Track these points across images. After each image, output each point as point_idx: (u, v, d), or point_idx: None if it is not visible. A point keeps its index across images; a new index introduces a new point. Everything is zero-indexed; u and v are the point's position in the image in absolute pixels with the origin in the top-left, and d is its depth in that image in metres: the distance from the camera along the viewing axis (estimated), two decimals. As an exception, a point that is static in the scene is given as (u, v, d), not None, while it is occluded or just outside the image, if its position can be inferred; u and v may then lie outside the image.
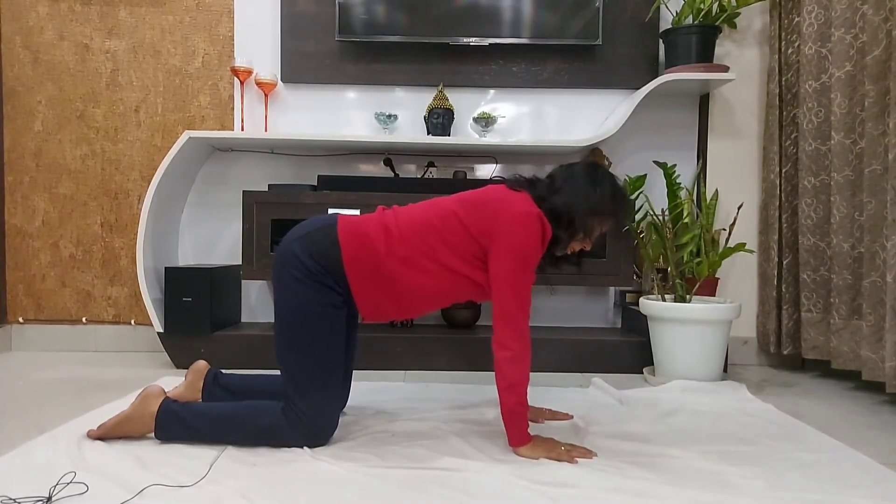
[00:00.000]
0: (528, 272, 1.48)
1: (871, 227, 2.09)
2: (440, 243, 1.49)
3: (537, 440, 1.48)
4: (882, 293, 2.04)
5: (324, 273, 1.48)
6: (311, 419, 1.47)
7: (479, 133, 2.75)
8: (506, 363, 1.46)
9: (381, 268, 1.49)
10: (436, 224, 1.50)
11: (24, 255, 2.81)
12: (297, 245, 1.50)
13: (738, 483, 1.31)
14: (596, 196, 1.51)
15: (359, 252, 1.48)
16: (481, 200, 1.51)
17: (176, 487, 1.24)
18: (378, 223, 1.52)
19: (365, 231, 1.51)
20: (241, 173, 2.81)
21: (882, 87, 2.05)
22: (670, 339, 2.24)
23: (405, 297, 1.53)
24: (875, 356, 2.05)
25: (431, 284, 1.51)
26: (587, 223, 1.53)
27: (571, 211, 1.50)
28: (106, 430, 1.52)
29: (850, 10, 2.20)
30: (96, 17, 2.76)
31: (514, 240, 1.44)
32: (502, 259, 1.45)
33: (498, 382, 1.47)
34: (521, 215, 1.45)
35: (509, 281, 1.46)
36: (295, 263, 1.48)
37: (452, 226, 1.49)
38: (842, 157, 2.25)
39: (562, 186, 1.52)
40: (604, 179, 1.54)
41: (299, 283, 1.48)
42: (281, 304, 1.51)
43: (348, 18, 2.62)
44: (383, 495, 1.24)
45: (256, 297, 2.82)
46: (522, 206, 1.47)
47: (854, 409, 2.00)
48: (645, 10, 2.69)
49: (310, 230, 1.53)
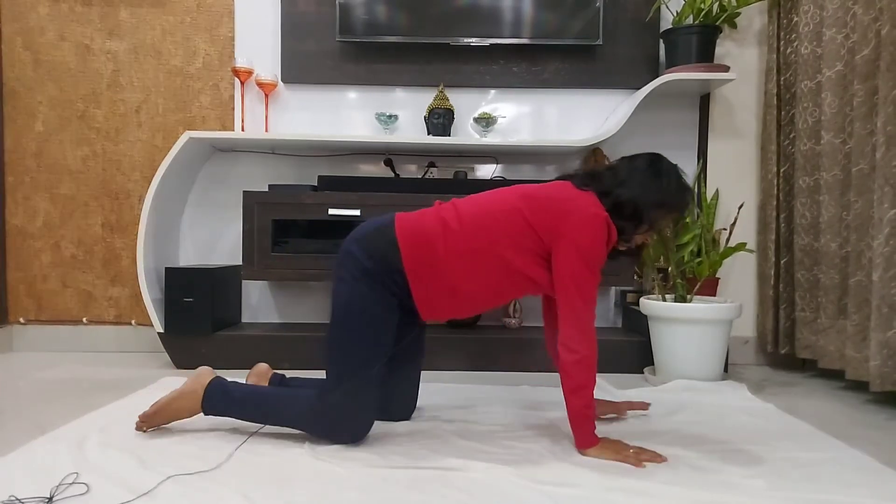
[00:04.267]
0: (594, 273, 1.46)
1: (858, 226, 2.10)
2: (502, 238, 1.48)
3: (605, 442, 1.46)
4: (867, 293, 2.05)
5: (381, 273, 1.47)
6: (341, 414, 1.48)
7: (479, 133, 2.75)
8: (572, 366, 1.43)
9: (440, 264, 1.48)
10: (499, 218, 1.49)
11: (25, 256, 2.81)
12: (355, 245, 1.50)
13: (739, 483, 1.31)
14: (663, 187, 1.50)
15: (417, 250, 1.48)
16: (549, 198, 1.49)
17: (196, 474, 1.26)
18: (436, 218, 1.51)
19: (423, 228, 1.50)
20: (242, 173, 2.81)
21: (871, 87, 2.06)
22: (671, 339, 2.24)
23: (462, 294, 1.52)
24: (859, 355, 2.06)
25: (489, 281, 1.50)
26: (654, 215, 1.51)
27: (638, 203, 1.48)
28: (159, 406, 1.55)
29: (842, 10, 2.21)
30: (97, 17, 2.76)
31: (581, 241, 1.43)
32: (569, 260, 1.44)
33: (564, 385, 1.45)
34: (590, 217, 1.44)
35: (576, 282, 1.44)
36: (352, 263, 1.48)
37: (516, 221, 1.48)
38: (831, 156, 2.26)
39: (627, 178, 1.50)
40: (669, 170, 1.53)
41: (356, 281, 1.48)
42: (334, 301, 1.51)
43: (349, 19, 2.62)
44: (384, 495, 1.24)
45: (257, 298, 2.82)
46: (591, 207, 1.45)
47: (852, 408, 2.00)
48: (645, 10, 2.69)
49: (368, 231, 1.53)
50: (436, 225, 1.50)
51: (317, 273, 2.48)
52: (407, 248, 1.48)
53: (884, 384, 1.90)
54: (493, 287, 1.52)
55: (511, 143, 2.60)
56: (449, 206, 1.56)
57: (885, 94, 1.92)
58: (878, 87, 1.98)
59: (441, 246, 1.48)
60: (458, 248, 1.48)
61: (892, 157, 1.89)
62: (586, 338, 1.44)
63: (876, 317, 1.92)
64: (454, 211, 1.53)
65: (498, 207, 1.51)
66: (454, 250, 1.48)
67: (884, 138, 1.92)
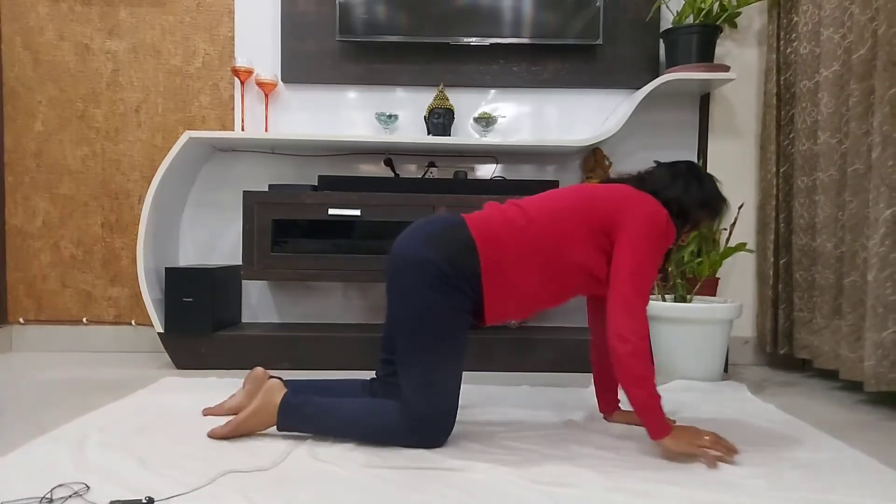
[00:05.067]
0: (652, 267, 1.48)
1: (853, 226, 2.10)
2: (569, 235, 1.48)
3: (678, 430, 1.44)
4: (861, 293, 2.05)
5: (458, 277, 1.46)
6: (430, 424, 1.48)
7: (479, 133, 2.75)
8: (627, 357, 1.41)
9: (509, 265, 1.48)
10: (565, 216, 1.50)
11: (24, 256, 2.81)
12: (426, 249, 1.47)
13: (739, 483, 1.31)
14: (706, 189, 1.57)
15: (491, 251, 1.47)
16: (613, 194, 1.52)
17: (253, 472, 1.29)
18: (502, 218, 1.51)
19: (493, 228, 1.49)
20: (242, 173, 2.81)
21: (867, 87, 2.06)
22: (671, 339, 2.24)
23: (528, 294, 1.52)
24: (853, 356, 2.07)
25: (554, 280, 1.51)
26: (698, 215, 1.57)
27: (683, 202, 1.54)
28: (235, 425, 1.54)
29: (840, 10, 2.21)
30: (97, 17, 2.76)
31: (643, 233, 1.45)
32: (629, 251, 1.45)
33: (622, 378, 1.42)
34: (654, 212, 1.48)
35: (633, 273, 1.44)
36: (427, 268, 1.45)
37: (582, 218, 1.49)
38: (827, 156, 2.26)
39: (673, 180, 1.56)
40: (707, 175, 1.61)
41: (431, 288, 1.45)
42: (407, 309, 1.48)
43: (349, 18, 2.62)
44: (384, 495, 1.24)
45: (257, 298, 2.82)
46: (655, 204, 1.50)
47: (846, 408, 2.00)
48: (645, 9, 2.69)
49: (436, 231, 1.50)
50: (504, 225, 1.50)
51: (317, 273, 2.48)
52: (483, 249, 1.47)
53: (878, 384, 1.90)
54: (557, 286, 1.53)
55: (511, 143, 2.60)
56: (511, 205, 1.55)
57: (882, 94, 1.92)
58: (875, 86, 1.98)
59: (511, 246, 1.48)
60: (527, 247, 1.48)
61: (887, 157, 1.89)
62: (639, 328, 1.43)
63: (871, 317, 1.92)
64: (519, 210, 1.53)
65: (563, 205, 1.52)
66: (523, 250, 1.48)
67: (880, 138, 1.92)
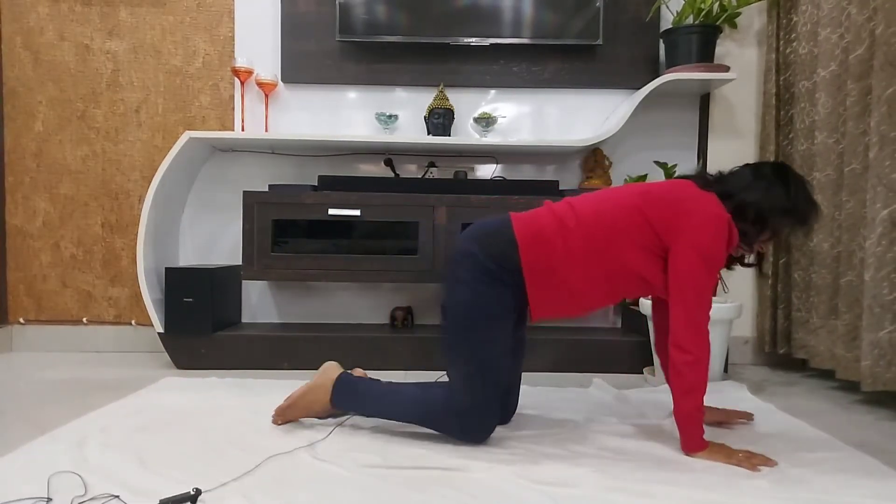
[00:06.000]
0: (712, 274, 1.44)
1: (850, 226, 2.10)
2: (620, 236, 1.47)
3: (713, 446, 1.45)
4: (858, 292, 2.06)
5: (501, 272, 1.48)
6: (471, 415, 1.49)
7: (479, 133, 2.75)
8: (686, 367, 1.40)
9: (556, 264, 1.48)
10: (617, 216, 1.48)
11: (24, 256, 2.81)
12: (474, 244, 1.50)
13: (740, 483, 1.31)
14: (790, 195, 1.48)
15: (535, 248, 1.48)
16: (669, 195, 1.48)
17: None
18: (552, 217, 1.51)
19: (540, 227, 1.50)
20: (242, 173, 2.81)
21: (864, 87, 2.06)
22: (671, 339, 2.24)
23: (576, 293, 1.51)
24: (849, 355, 2.07)
25: (604, 281, 1.50)
26: (779, 222, 1.49)
27: (762, 208, 1.46)
28: (292, 400, 1.63)
29: (837, 10, 2.21)
30: (97, 17, 2.76)
31: (701, 240, 1.41)
32: (688, 258, 1.42)
33: (675, 385, 1.42)
34: (713, 217, 1.42)
35: (693, 281, 1.42)
36: (473, 262, 1.49)
37: (635, 219, 1.47)
38: (825, 156, 2.26)
39: (752, 183, 1.49)
40: (798, 180, 1.51)
41: (476, 281, 1.48)
42: (453, 301, 1.51)
43: (349, 18, 2.62)
44: (384, 495, 1.24)
45: (257, 298, 2.82)
46: (714, 207, 1.44)
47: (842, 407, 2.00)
48: (645, 9, 2.69)
49: (485, 229, 1.53)
50: (553, 224, 1.50)
51: (317, 273, 2.48)
52: (525, 246, 1.48)
53: (875, 384, 1.90)
54: (606, 287, 1.52)
55: (511, 143, 2.60)
56: (563, 205, 1.55)
57: (879, 94, 1.92)
58: (872, 86, 1.98)
59: (559, 245, 1.48)
60: (576, 246, 1.48)
61: (884, 156, 1.90)
62: (700, 339, 1.41)
63: (867, 316, 1.92)
64: (570, 210, 1.52)
65: (616, 205, 1.50)
66: (572, 249, 1.48)
67: (877, 138, 1.92)
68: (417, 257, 2.47)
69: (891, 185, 1.88)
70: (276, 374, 2.35)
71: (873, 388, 1.91)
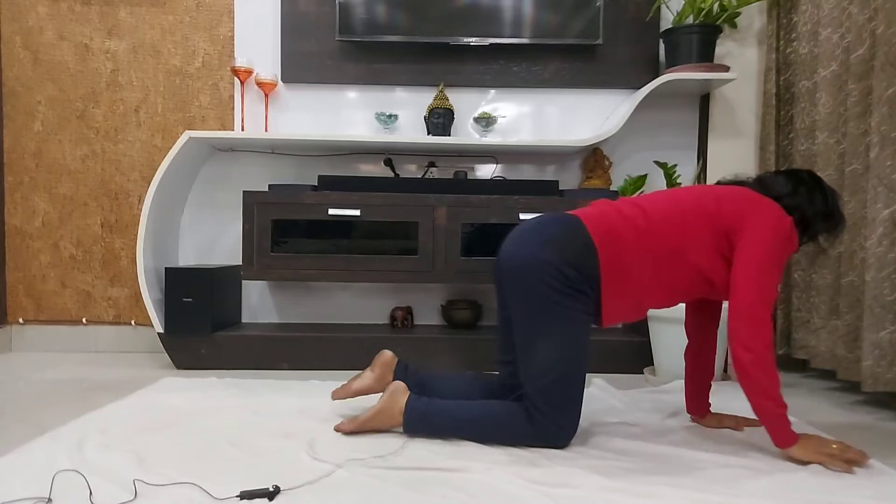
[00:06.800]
0: (775, 271, 1.44)
1: (851, 226, 2.10)
2: (690, 237, 1.46)
3: (805, 438, 1.43)
4: (859, 293, 2.05)
5: (581, 280, 1.44)
6: (560, 429, 1.48)
7: (479, 133, 2.75)
8: (752, 366, 1.39)
9: (628, 266, 1.46)
10: (688, 216, 1.47)
11: (24, 256, 2.81)
12: (547, 251, 1.45)
13: (741, 483, 1.31)
14: (830, 202, 1.53)
15: (610, 251, 1.45)
16: (737, 196, 1.49)
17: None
18: (622, 217, 1.49)
19: (613, 227, 1.47)
20: (242, 173, 2.81)
21: (865, 87, 2.06)
22: (671, 339, 2.24)
23: (643, 296, 1.50)
24: (850, 356, 2.07)
25: (670, 282, 1.49)
26: (819, 226, 1.53)
27: (805, 212, 1.50)
28: (359, 424, 1.58)
29: (838, 10, 2.21)
30: (96, 17, 2.76)
31: (769, 238, 1.42)
32: (754, 256, 1.42)
33: (747, 387, 1.40)
34: (779, 218, 1.45)
35: (758, 278, 1.41)
36: (550, 272, 1.44)
37: (706, 219, 1.46)
38: (825, 156, 2.26)
39: (796, 188, 1.52)
40: (831, 189, 1.56)
41: (553, 290, 1.44)
42: (530, 312, 1.48)
43: (349, 18, 2.62)
44: (384, 495, 1.23)
45: (257, 298, 2.82)
46: (779, 210, 1.47)
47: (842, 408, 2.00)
48: (645, 9, 2.69)
49: (555, 232, 1.49)
50: (624, 224, 1.48)
51: (317, 273, 2.48)
52: (603, 249, 1.45)
53: (876, 384, 1.90)
54: (669, 287, 1.50)
55: (511, 143, 2.59)
56: (628, 204, 1.53)
57: (880, 94, 1.92)
58: (873, 86, 1.98)
59: (632, 246, 1.46)
60: (647, 247, 1.46)
61: (885, 157, 1.90)
62: (764, 336, 1.40)
63: (868, 317, 1.92)
64: (638, 209, 1.50)
65: (685, 206, 1.49)
66: (643, 250, 1.46)
67: (878, 138, 1.92)
68: (417, 257, 2.47)
69: (892, 186, 1.88)
70: (275, 375, 2.35)
71: (874, 389, 1.91)
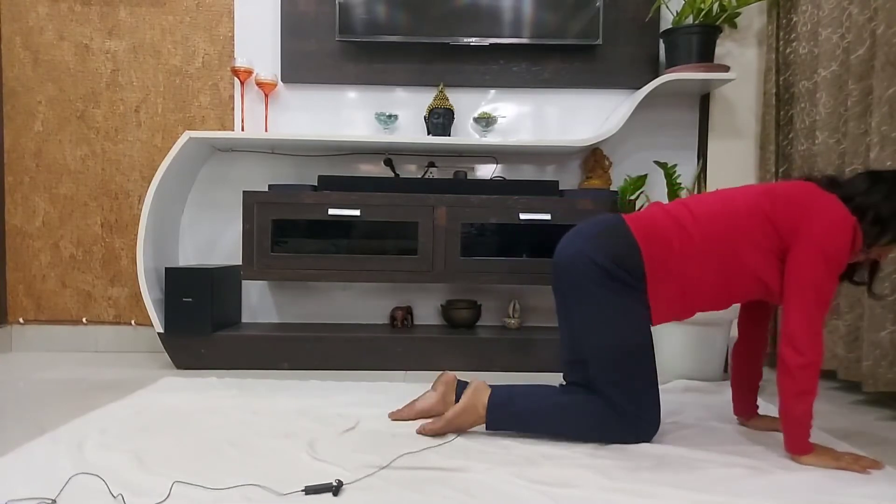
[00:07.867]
0: (833, 276, 1.40)
1: None
2: (740, 236, 1.45)
3: (819, 450, 1.43)
4: (859, 293, 2.06)
5: (628, 276, 1.46)
6: (644, 421, 1.50)
7: (479, 133, 2.75)
8: (799, 369, 1.38)
9: (674, 266, 1.46)
10: (738, 216, 1.46)
11: (24, 256, 2.81)
12: (591, 249, 1.48)
13: (741, 483, 1.31)
14: None
15: (655, 250, 1.46)
16: (794, 194, 1.45)
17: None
18: (668, 217, 1.50)
19: (658, 227, 1.48)
20: (242, 173, 2.81)
21: (865, 87, 2.06)
22: (671, 339, 2.24)
23: (691, 295, 1.50)
24: (851, 356, 2.07)
25: (720, 283, 1.48)
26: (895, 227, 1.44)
27: (882, 211, 1.42)
28: (446, 422, 1.57)
29: (838, 10, 2.21)
30: (96, 17, 2.76)
31: (827, 240, 1.38)
32: (810, 258, 1.39)
33: (786, 387, 1.40)
34: (839, 219, 1.40)
35: (814, 282, 1.38)
36: (598, 271, 1.47)
37: (757, 218, 1.45)
38: (826, 156, 2.26)
39: (872, 187, 1.45)
40: None
41: (604, 287, 1.46)
42: (589, 311, 1.50)
43: (349, 18, 2.62)
44: (384, 495, 1.24)
45: (257, 298, 2.82)
46: (840, 210, 1.41)
47: (843, 408, 2.00)
48: (645, 9, 2.69)
49: (599, 232, 1.51)
50: (670, 224, 1.48)
51: (317, 273, 2.48)
52: (646, 248, 1.46)
53: (876, 384, 1.90)
54: (721, 289, 1.49)
55: (511, 143, 2.59)
56: (678, 205, 1.53)
57: (880, 94, 1.92)
58: (873, 86, 1.98)
59: (677, 246, 1.46)
60: (695, 247, 1.46)
61: (885, 157, 1.90)
62: (816, 341, 1.38)
63: (868, 317, 1.92)
64: (686, 209, 1.50)
65: (736, 205, 1.48)
66: (690, 250, 1.46)
67: (878, 138, 1.92)
68: (417, 257, 2.47)
69: (891, 186, 1.88)
70: (275, 375, 2.35)
71: (874, 389, 1.92)
